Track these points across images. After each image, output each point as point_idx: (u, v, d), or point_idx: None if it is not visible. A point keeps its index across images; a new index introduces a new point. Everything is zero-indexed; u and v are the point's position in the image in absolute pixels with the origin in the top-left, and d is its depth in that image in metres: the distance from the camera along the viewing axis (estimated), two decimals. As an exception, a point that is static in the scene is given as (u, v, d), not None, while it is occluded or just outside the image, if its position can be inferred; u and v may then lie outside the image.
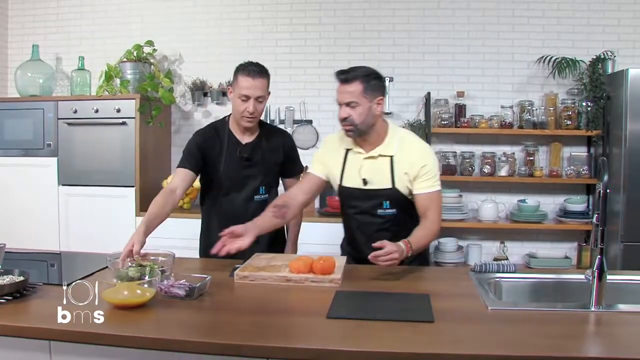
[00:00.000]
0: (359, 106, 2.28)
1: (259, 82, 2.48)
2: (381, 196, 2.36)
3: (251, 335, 1.58)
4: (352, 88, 2.27)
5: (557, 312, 1.81)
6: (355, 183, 2.39)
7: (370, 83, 2.31)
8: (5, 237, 3.95)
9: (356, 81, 2.28)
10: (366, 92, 2.28)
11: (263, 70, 2.52)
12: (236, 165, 2.59)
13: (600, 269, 1.86)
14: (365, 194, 2.38)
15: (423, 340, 1.54)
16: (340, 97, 2.31)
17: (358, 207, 2.43)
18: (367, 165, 2.38)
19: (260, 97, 2.49)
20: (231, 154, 2.59)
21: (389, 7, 4.37)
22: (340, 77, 2.31)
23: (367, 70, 2.34)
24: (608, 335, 1.69)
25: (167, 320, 1.73)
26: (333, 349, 1.48)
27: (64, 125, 4.09)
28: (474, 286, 2.07)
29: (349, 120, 2.29)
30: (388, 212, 2.38)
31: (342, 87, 2.30)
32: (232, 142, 2.61)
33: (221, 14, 4.54)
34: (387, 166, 2.36)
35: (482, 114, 4.19)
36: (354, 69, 2.32)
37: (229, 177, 2.59)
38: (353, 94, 2.27)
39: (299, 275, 2.04)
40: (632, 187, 3.72)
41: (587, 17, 4.21)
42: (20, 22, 4.73)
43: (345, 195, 2.46)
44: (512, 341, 1.55)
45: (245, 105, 2.47)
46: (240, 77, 2.48)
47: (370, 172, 2.37)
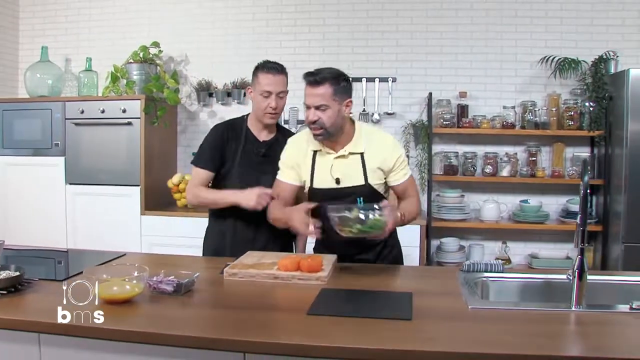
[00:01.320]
0: (329, 109, 2.26)
1: (279, 79, 2.59)
2: (355, 193, 2.35)
3: (231, 330, 1.63)
4: (322, 91, 2.25)
5: (537, 312, 1.83)
6: (328, 183, 2.38)
7: (340, 85, 2.30)
8: (14, 234, 4.11)
9: (326, 83, 2.26)
10: (336, 95, 2.27)
11: (281, 68, 2.64)
12: (252, 161, 2.63)
13: (581, 269, 1.87)
14: (339, 193, 2.37)
15: (398, 337, 1.57)
16: (310, 99, 2.28)
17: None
18: (338, 165, 2.38)
19: (281, 93, 2.59)
20: (248, 149, 2.64)
21: (392, 8, 4.39)
22: (309, 79, 2.29)
23: (336, 72, 2.33)
24: (585, 335, 1.70)
25: (154, 315, 1.78)
26: (307, 344, 1.51)
27: (71, 125, 4.18)
28: (459, 285, 2.10)
29: (318, 123, 2.27)
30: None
31: (311, 90, 2.28)
32: (250, 138, 2.66)
33: (226, 16, 4.60)
34: (358, 163, 2.37)
35: (485, 114, 4.20)
36: (323, 71, 2.30)
37: (243, 173, 2.60)
38: (323, 97, 2.25)
39: (287, 273, 2.08)
40: (633, 188, 3.71)
41: (591, 17, 4.19)
42: (30, 24, 4.84)
43: (317, 196, 2.40)
44: (487, 339, 1.57)
45: (268, 101, 2.55)
46: (260, 75, 2.57)
47: (342, 171, 2.37)
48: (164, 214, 4.10)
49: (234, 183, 2.60)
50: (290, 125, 4.45)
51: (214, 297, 1.98)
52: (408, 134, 4.30)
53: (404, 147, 4.29)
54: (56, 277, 2.23)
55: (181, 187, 4.21)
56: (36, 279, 2.06)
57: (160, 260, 2.60)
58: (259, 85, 2.56)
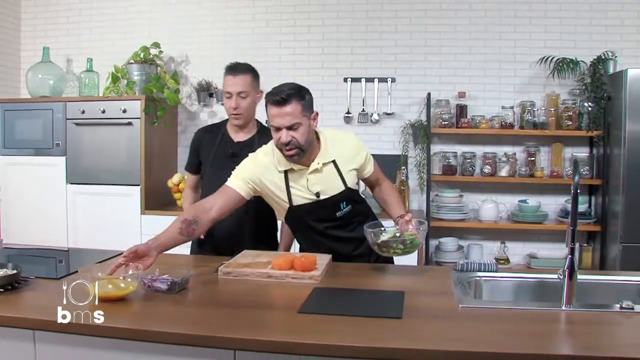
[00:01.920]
0: (301, 126, 2.17)
1: (239, 79, 2.59)
2: (338, 201, 2.33)
3: (223, 327, 1.64)
4: (291, 109, 2.15)
5: (528, 311, 1.84)
6: (308, 199, 2.31)
7: (306, 99, 2.21)
8: (15, 233, 4.14)
9: (293, 100, 2.15)
10: (305, 110, 2.19)
11: (245, 68, 2.64)
12: (222, 161, 2.65)
13: (571, 268, 1.87)
14: (322, 205, 2.32)
15: (387, 335, 1.59)
16: (279, 120, 2.16)
17: (316, 218, 2.35)
18: (313, 179, 2.30)
19: (242, 93, 2.59)
20: (220, 150, 2.70)
21: (391, 9, 4.41)
22: (274, 99, 2.15)
23: (298, 87, 2.23)
24: (574, 334, 1.71)
25: (147, 313, 1.80)
26: (297, 342, 1.53)
27: (72, 125, 4.22)
28: (452, 285, 2.11)
29: (292, 143, 2.18)
30: (345, 210, 2.36)
31: (278, 110, 2.15)
32: (224, 139, 2.71)
33: (226, 16, 4.62)
34: (333, 171, 2.33)
35: (484, 114, 4.21)
36: (285, 88, 2.18)
37: (213, 173, 2.65)
38: (294, 115, 2.15)
39: (280, 272, 2.10)
40: (631, 188, 3.71)
41: (590, 18, 4.20)
42: (32, 25, 4.88)
43: (300, 214, 2.34)
44: (475, 338, 1.58)
45: (229, 102, 2.60)
46: (225, 78, 2.63)
47: (320, 184, 2.30)
48: (164, 213, 4.12)
49: (208, 182, 2.68)
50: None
51: (207, 295, 1.99)
52: (407, 134, 4.32)
53: (403, 147, 4.32)
54: (57, 275, 2.25)
55: (181, 186, 4.23)
56: (32, 277, 2.09)
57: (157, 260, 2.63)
58: (224, 87, 2.64)
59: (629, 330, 1.71)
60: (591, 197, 4.23)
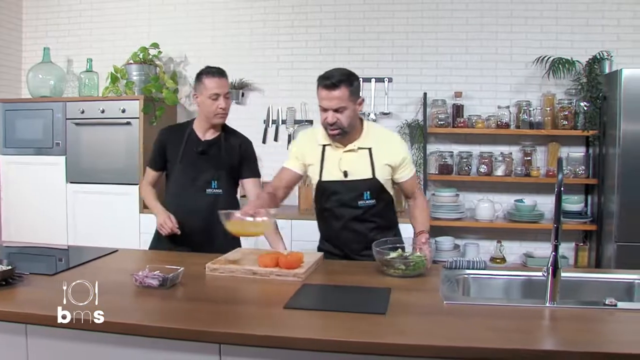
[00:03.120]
0: (346, 110, 2.34)
1: (224, 81, 2.74)
2: (362, 187, 2.46)
3: (209, 322, 1.68)
4: (339, 93, 2.32)
5: (512, 307, 1.86)
6: (336, 176, 2.47)
7: (354, 85, 2.37)
8: (16, 231, 4.18)
9: (342, 86, 2.32)
10: (352, 95, 2.35)
11: (223, 71, 2.78)
12: (191, 159, 2.77)
13: (555, 265, 1.90)
14: (346, 186, 2.46)
15: (370, 330, 1.62)
16: (327, 103, 2.34)
17: (339, 200, 2.49)
18: (346, 158, 2.46)
19: (227, 94, 2.74)
20: (189, 148, 2.79)
21: (388, 9, 4.43)
22: (325, 83, 2.34)
23: (349, 73, 2.40)
24: (557, 330, 1.74)
25: (137, 308, 1.85)
26: (280, 336, 1.56)
27: (71, 125, 4.26)
28: (440, 282, 2.13)
29: (337, 124, 2.36)
30: (368, 202, 2.48)
31: (328, 93, 2.33)
32: (192, 138, 2.81)
33: (225, 17, 4.66)
34: (366, 158, 2.46)
35: (480, 114, 4.23)
36: (336, 74, 2.35)
37: (184, 170, 2.77)
38: (341, 99, 2.32)
39: (265, 269, 2.13)
40: (626, 188, 3.73)
41: (586, 18, 4.21)
42: (33, 26, 4.93)
43: (325, 190, 2.51)
44: (457, 333, 1.61)
45: (217, 103, 2.70)
46: (205, 80, 2.71)
47: (351, 164, 2.45)
48: (162, 212, 4.16)
49: (176, 179, 2.81)
50: (288, 125, 4.51)
51: (196, 291, 2.03)
52: (404, 133, 4.34)
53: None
54: (56, 270, 2.30)
55: (179, 186, 4.26)
56: (27, 273, 2.12)
57: (150, 256, 2.68)
58: (205, 89, 2.69)
59: (612, 327, 1.74)
60: (587, 196, 4.25)
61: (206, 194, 2.75)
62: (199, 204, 2.73)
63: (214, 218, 2.65)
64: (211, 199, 2.74)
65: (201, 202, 2.74)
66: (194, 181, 2.75)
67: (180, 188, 2.78)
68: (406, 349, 1.52)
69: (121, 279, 2.09)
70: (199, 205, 2.73)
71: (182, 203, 2.75)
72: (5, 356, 1.79)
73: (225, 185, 2.79)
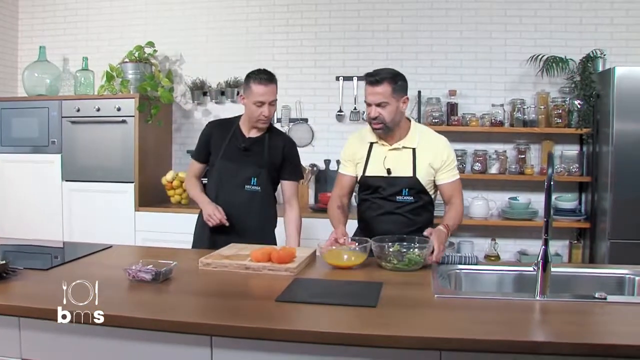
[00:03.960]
0: (388, 105, 2.47)
1: (270, 88, 2.73)
2: (402, 184, 2.56)
3: (200, 314, 1.69)
4: (382, 89, 2.46)
5: (502, 301, 1.87)
6: (379, 172, 2.58)
7: (398, 84, 2.50)
8: (11, 229, 4.19)
9: (385, 82, 2.46)
10: (395, 93, 2.48)
11: (272, 77, 2.79)
12: (234, 154, 2.81)
13: (545, 259, 1.91)
14: (388, 182, 2.57)
15: (359, 322, 1.64)
16: (371, 98, 2.48)
17: (379, 194, 2.61)
18: (391, 156, 2.58)
19: (273, 101, 2.76)
20: (232, 143, 2.83)
21: (382, 8, 4.45)
22: (370, 79, 2.49)
23: (394, 72, 2.54)
24: (546, 322, 1.75)
25: (130, 301, 1.86)
26: (271, 328, 1.58)
27: (67, 123, 4.27)
28: (431, 277, 2.14)
29: (379, 118, 2.48)
30: (406, 199, 2.58)
31: (372, 89, 2.48)
32: (237, 134, 2.86)
33: (220, 16, 4.67)
34: (409, 157, 2.57)
35: (474, 112, 4.25)
36: (382, 71, 2.51)
37: (225, 164, 2.81)
38: (384, 95, 2.46)
39: (257, 264, 2.15)
40: (618, 186, 3.74)
41: (580, 16, 4.23)
42: (29, 25, 4.94)
43: (368, 184, 2.63)
44: (447, 325, 1.63)
45: (261, 110, 2.72)
46: (253, 85, 2.71)
47: (394, 162, 2.57)
48: (158, 210, 4.19)
49: (217, 172, 2.84)
50: (283, 124, 4.52)
51: (189, 285, 2.04)
52: (398, 131, 4.35)
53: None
54: (51, 265, 2.31)
55: (175, 184, 4.28)
56: (21, 268, 2.14)
57: (145, 252, 2.69)
58: (252, 95, 2.71)
59: (601, 319, 1.76)
60: (581, 194, 4.27)
61: (244, 190, 2.79)
62: (236, 199, 2.77)
63: (247, 214, 2.78)
64: (248, 195, 2.78)
65: (238, 197, 2.78)
66: (234, 176, 2.79)
67: (220, 181, 2.82)
68: (397, 340, 1.53)
69: (114, 273, 2.10)
70: (236, 200, 2.77)
71: (220, 196, 2.79)
72: (1, 348, 1.80)
73: (265, 183, 2.82)
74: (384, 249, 2.26)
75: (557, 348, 1.50)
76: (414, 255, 2.24)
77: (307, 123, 4.56)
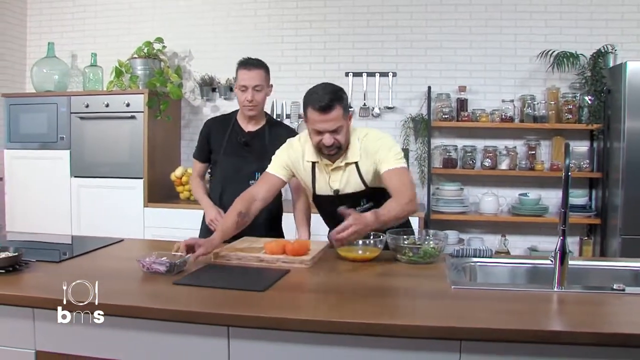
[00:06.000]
0: (342, 129, 2.26)
1: (254, 73, 2.70)
2: (357, 197, 2.39)
3: (218, 305, 1.68)
4: (335, 114, 2.22)
5: (520, 292, 1.86)
6: (328, 192, 2.42)
7: (345, 103, 2.27)
8: (20, 225, 4.18)
9: (336, 106, 2.22)
10: (344, 112, 2.27)
11: (259, 63, 2.75)
12: (235, 149, 2.79)
13: (562, 250, 1.90)
14: (341, 199, 2.37)
15: (376, 311, 1.62)
16: (323, 125, 2.23)
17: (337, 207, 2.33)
18: (335, 176, 2.39)
19: (257, 86, 2.70)
20: (232, 139, 2.81)
21: (392, 4, 4.44)
22: (319, 105, 2.20)
23: (337, 90, 2.28)
24: (565, 312, 1.73)
25: (145, 292, 1.86)
26: (287, 318, 1.56)
27: (76, 119, 4.27)
28: (446, 269, 2.13)
29: (334, 145, 2.27)
30: (366, 206, 2.40)
31: (323, 116, 2.21)
32: (235, 129, 2.83)
33: (229, 12, 4.67)
34: (354, 173, 2.37)
35: (484, 108, 4.23)
36: (325, 95, 2.22)
37: (227, 160, 2.80)
38: (337, 120, 2.23)
39: (272, 256, 2.13)
40: (630, 181, 3.72)
41: (590, 12, 4.21)
42: (37, 21, 4.95)
43: (322, 201, 2.48)
44: (466, 315, 1.60)
45: (245, 95, 2.70)
46: (239, 71, 2.73)
47: (340, 182, 2.39)
48: (167, 206, 4.18)
49: (220, 170, 2.84)
50: (292, 120, 4.51)
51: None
52: (408, 127, 4.35)
53: (404, 140, 4.35)
54: (62, 257, 2.31)
55: (184, 179, 4.28)
56: (34, 260, 2.13)
57: (157, 245, 2.66)
58: (238, 80, 2.73)
59: (620, 310, 1.74)
60: (591, 190, 4.25)
61: (249, 185, 2.64)
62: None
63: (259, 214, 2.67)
64: None
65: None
66: (237, 172, 2.76)
67: (224, 179, 2.80)
68: (415, 330, 1.51)
69: (127, 265, 2.09)
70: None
71: (226, 193, 2.76)
72: (14, 340, 1.79)
73: None
74: (399, 242, 2.23)
75: (578, 337, 1.48)
76: (429, 248, 2.22)
77: (316, 119, 4.54)
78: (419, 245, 2.24)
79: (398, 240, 2.24)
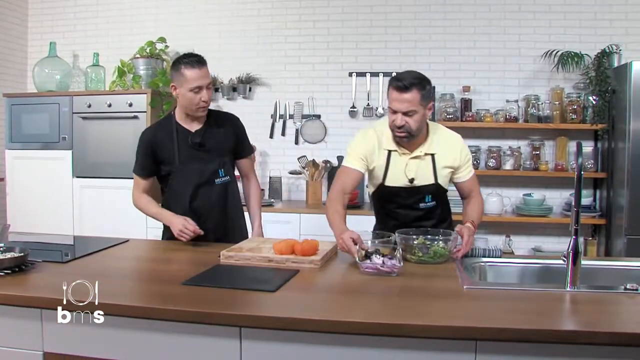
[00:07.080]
0: (416, 114, 2.27)
1: (204, 71, 2.51)
2: (424, 192, 2.46)
3: (230, 305, 1.66)
4: (411, 96, 2.25)
5: (532, 292, 1.84)
6: (401, 182, 2.44)
7: (426, 89, 2.31)
8: (23, 226, 4.15)
9: (414, 89, 2.26)
10: (423, 100, 2.29)
11: (203, 59, 2.54)
12: (190, 153, 2.58)
13: (575, 250, 1.88)
14: (410, 191, 2.45)
15: (390, 312, 1.61)
16: (398, 105, 2.27)
17: (400, 203, 2.49)
18: (412, 165, 2.43)
19: (209, 84, 2.53)
20: (183, 144, 2.59)
21: (395, 4, 4.42)
22: (397, 85, 2.27)
23: (422, 77, 2.34)
24: (578, 312, 1.72)
25: (154, 292, 1.83)
26: (301, 318, 1.54)
27: (78, 119, 4.25)
28: (457, 269, 2.11)
29: (405, 127, 2.29)
30: (429, 204, 2.49)
31: (399, 95, 2.26)
32: (181, 132, 2.60)
33: (232, 12, 4.65)
34: (430, 164, 2.43)
35: (489, 108, 4.22)
36: (408, 76, 2.30)
37: (187, 168, 2.58)
38: (412, 103, 2.25)
39: (281, 256, 2.11)
40: (635, 182, 3.71)
41: (594, 12, 4.20)
42: (39, 21, 4.93)
43: (388, 194, 2.49)
44: (479, 315, 1.59)
45: (200, 96, 2.49)
46: (185, 71, 2.47)
47: (416, 171, 2.43)
48: (169, 206, 4.15)
49: (180, 178, 2.60)
50: (295, 120, 4.50)
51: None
52: (411, 128, 4.32)
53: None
54: (69, 257, 2.30)
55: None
56: (40, 260, 2.11)
57: (162, 246, 2.65)
58: (186, 82, 2.47)
59: (633, 309, 1.72)
60: (596, 190, 4.23)
61: (216, 185, 2.60)
62: (212, 197, 2.59)
63: (227, 208, 2.65)
64: (221, 188, 2.61)
65: (214, 193, 2.59)
66: (200, 175, 2.57)
67: (187, 186, 2.58)
68: (430, 330, 1.50)
69: (135, 266, 2.09)
70: (212, 197, 2.60)
71: (195, 200, 2.58)
72: (22, 341, 1.77)
73: (230, 170, 2.67)
74: (408, 242, 2.22)
75: (595, 337, 1.47)
76: (439, 248, 2.20)
77: (320, 119, 4.53)
78: (429, 245, 2.22)
79: (408, 240, 2.23)
